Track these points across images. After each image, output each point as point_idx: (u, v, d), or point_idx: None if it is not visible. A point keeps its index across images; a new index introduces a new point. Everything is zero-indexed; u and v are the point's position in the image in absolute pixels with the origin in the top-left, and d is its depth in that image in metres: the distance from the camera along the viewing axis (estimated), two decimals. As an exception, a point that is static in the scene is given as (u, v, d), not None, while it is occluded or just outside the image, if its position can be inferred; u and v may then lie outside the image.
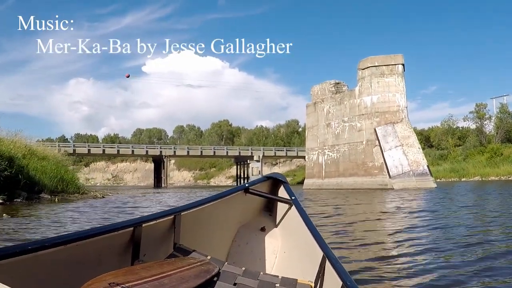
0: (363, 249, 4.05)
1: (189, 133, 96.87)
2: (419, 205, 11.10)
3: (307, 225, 1.88)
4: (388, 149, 27.09)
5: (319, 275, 1.61)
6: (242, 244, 2.23)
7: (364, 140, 28.53)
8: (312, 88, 35.05)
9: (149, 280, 1.14)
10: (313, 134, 33.73)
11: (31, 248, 1.12)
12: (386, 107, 27.86)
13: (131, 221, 1.49)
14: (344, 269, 1.41)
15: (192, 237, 1.82)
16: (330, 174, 31.38)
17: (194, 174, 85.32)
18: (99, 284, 1.02)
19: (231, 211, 2.20)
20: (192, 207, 1.82)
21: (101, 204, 12.58)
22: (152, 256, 1.56)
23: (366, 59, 28.92)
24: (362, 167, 28.41)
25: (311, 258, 1.73)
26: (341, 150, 30.48)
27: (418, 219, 6.96)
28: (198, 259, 1.51)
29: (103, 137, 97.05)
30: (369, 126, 28.15)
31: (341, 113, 30.72)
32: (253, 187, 2.22)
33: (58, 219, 7.19)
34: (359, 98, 29.08)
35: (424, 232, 5.33)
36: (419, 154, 27.20)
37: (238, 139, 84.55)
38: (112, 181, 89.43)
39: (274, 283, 1.54)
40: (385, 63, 28.27)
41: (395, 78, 28.03)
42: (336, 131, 31.04)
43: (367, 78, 28.54)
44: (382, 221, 6.92)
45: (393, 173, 26.57)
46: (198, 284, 1.27)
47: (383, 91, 28.02)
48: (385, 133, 27.46)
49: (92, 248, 1.33)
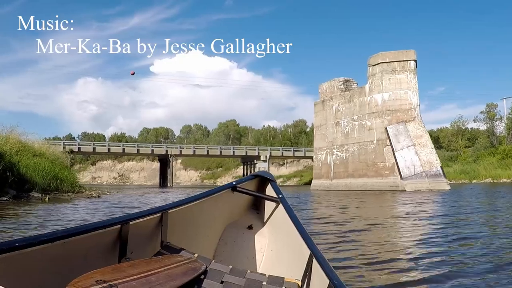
0: (374, 267, 3.34)
1: (196, 132, 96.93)
2: (434, 210, 10.28)
3: (295, 223, 1.87)
4: (399, 149, 26.02)
5: (306, 274, 1.62)
6: (229, 242, 2.22)
7: (374, 139, 27.46)
8: (320, 85, 34.01)
9: (136, 278, 1.15)
10: (321, 133, 32.69)
11: (18, 246, 1.11)
12: (397, 105, 26.79)
13: (118, 219, 1.48)
14: (331, 268, 1.41)
15: (179, 235, 1.81)
16: (338, 175, 30.33)
17: (201, 174, 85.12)
18: (86, 282, 1.03)
19: (218, 209, 2.19)
20: (180, 205, 1.82)
21: (93, 204, 11.74)
22: (139, 254, 1.55)
23: (377, 54, 27.84)
24: (372, 167, 27.36)
25: (298, 257, 1.73)
26: (350, 150, 29.45)
27: (434, 227, 6.17)
28: (185, 257, 1.54)
29: (109, 136, 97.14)
30: (380, 125, 27.08)
31: (350, 111, 29.66)
32: (241, 185, 2.22)
33: (27, 221, 6.31)
34: (370, 95, 28.01)
35: (442, 245, 4.45)
36: (432, 155, 26.08)
37: (246, 139, 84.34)
38: (119, 180, 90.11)
39: (261, 281, 1.54)
40: (397, 59, 27.20)
41: (407, 75, 26.97)
42: (346, 130, 30.00)
43: (378, 74, 27.46)
44: (394, 229, 6.15)
45: (405, 174, 25.51)
46: (185, 282, 1.28)
47: (394, 88, 26.95)
48: (396, 132, 26.38)
49: (79, 245, 1.32)
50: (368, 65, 28.45)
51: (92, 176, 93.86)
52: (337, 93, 31.38)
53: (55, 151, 19.54)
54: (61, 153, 20.53)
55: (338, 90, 31.60)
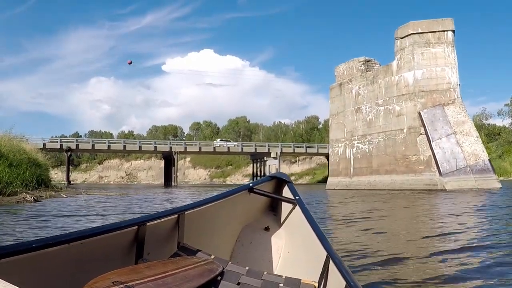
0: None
1: (205, 129, 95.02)
2: (491, 220, 6.69)
3: (311, 225, 1.88)
4: (437, 138, 21.19)
5: (323, 275, 1.62)
6: (246, 243, 2.23)
7: (405, 127, 22.65)
8: (336, 68, 29.16)
9: (153, 279, 1.16)
10: (339, 122, 27.81)
11: (36, 246, 1.12)
12: (433, 85, 21.93)
13: (135, 220, 1.49)
14: (347, 269, 1.40)
15: (196, 237, 1.82)
16: (360, 171, 25.56)
17: (210, 172, 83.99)
18: (103, 283, 1.05)
19: (235, 210, 2.19)
20: (197, 206, 1.83)
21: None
22: (156, 255, 1.57)
23: (406, 24, 22.96)
24: (402, 162, 22.58)
25: (315, 258, 1.74)
26: (374, 141, 24.68)
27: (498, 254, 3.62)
28: (202, 258, 1.55)
29: (117, 134, 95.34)
30: (412, 110, 22.23)
31: (374, 95, 24.80)
32: (258, 187, 2.23)
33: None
34: (398, 74, 23.16)
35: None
36: (477, 145, 21.17)
37: (256, 135, 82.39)
38: (126, 179, 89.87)
39: (277, 283, 1.55)
40: (431, 29, 22.44)
41: (444, 48, 22.17)
42: (368, 117, 25.20)
43: (408, 48, 22.55)
44: (436, 256, 3.68)
45: (444, 170, 20.68)
46: (202, 283, 1.29)
47: (429, 64, 22.10)
48: (433, 118, 21.50)
49: (96, 246, 1.33)
50: (395, 38, 23.58)
51: (99, 175, 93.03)
52: (358, 75, 26.48)
53: (31, 149, 18.63)
54: (37, 152, 19.49)
55: (358, 71, 26.74)
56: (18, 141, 18.01)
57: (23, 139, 20.42)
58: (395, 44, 23.56)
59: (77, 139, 52.69)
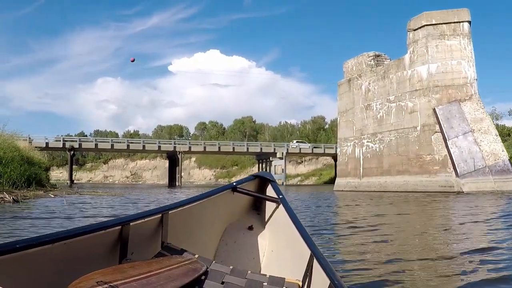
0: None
1: (211, 130, 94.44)
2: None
3: (295, 223, 1.86)
4: (453, 136, 19.81)
5: (307, 274, 1.62)
6: (230, 243, 2.20)
7: (418, 125, 21.30)
8: (344, 63, 27.83)
9: (137, 279, 1.15)
10: (348, 120, 26.48)
11: (19, 247, 1.12)
12: (449, 80, 20.56)
13: (119, 220, 1.48)
14: (331, 268, 1.40)
15: (180, 236, 1.80)
16: (370, 172, 24.22)
17: (215, 172, 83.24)
18: (87, 283, 1.04)
19: (219, 210, 2.18)
20: (180, 206, 1.81)
21: None
22: (140, 254, 1.56)
23: (420, 15, 21.61)
24: (416, 162, 21.25)
25: (298, 257, 1.73)
26: (385, 140, 23.36)
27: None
28: (186, 257, 1.52)
29: (122, 134, 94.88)
30: (426, 106, 20.87)
31: (385, 90, 23.46)
32: (241, 186, 2.22)
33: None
34: (411, 68, 21.82)
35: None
36: (497, 144, 19.80)
37: (262, 135, 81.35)
38: (131, 179, 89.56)
39: (262, 282, 1.52)
40: (446, 21, 21.05)
41: (459, 40, 20.82)
42: (379, 114, 23.89)
43: (422, 41, 21.20)
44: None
45: (461, 170, 19.29)
46: (186, 282, 1.28)
47: (444, 57, 20.73)
48: (448, 114, 20.13)
49: (80, 246, 1.32)
50: (407, 31, 22.21)
51: (104, 175, 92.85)
52: (367, 70, 25.13)
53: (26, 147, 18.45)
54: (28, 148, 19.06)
55: (367, 67, 25.39)
56: (11, 138, 17.22)
57: (17, 136, 19.67)
58: (407, 36, 22.22)
59: (80, 138, 51.74)
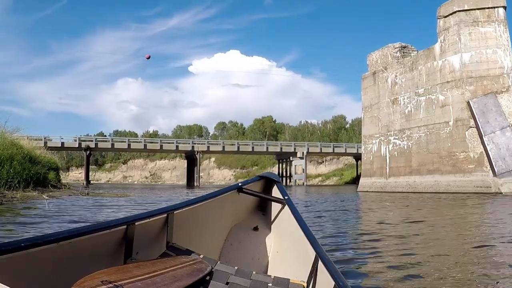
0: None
1: (231, 129, 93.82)
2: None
3: (300, 225, 1.86)
4: (490, 132, 18.05)
5: (312, 275, 1.60)
6: (235, 243, 2.21)
7: (451, 119, 19.54)
8: (368, 56, 26.25)
9: (141, 279, 1.15)
10: (372, 116, 24.88)
11: (24, 246, 1.11)
12: (484, 70, 18.79)
13: (124, 219, 1.47)
14: (336, 269, 1.39)
15: (185, 236, 1.81)
16: (397, 171, 22.57)
17: (235, 172, 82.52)
18: (92, 282, 1.04)
19: (224, 210, 2.18)
20: (185, 206, 1.81)
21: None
22: (145, 254, 1.56)
23: (451, 0, 19.84)
24: (448, 160, 19.48)
25: (303, 258, 1.72)
26: (414, 136, 21.64)
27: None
28: (191, 258, 1.53)
29: (142, 134, 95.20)
30: (459, 99, 19.14)
31: (413, 83, 21.78)
32: (246, 187, 2.23)
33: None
34: (442, 58, 20.10)
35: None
36: (539, 140, 17.82)
37: (282, 135, 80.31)
38: (150, 179, 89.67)
39: (266, 282, 1.53)
40: (479, 6, 19.28)
41: (495, 27, 19.05)
42: (407, 109, 22.17)
43: (454, 28, 19.48)
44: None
45: (499, 169, 17.55)
46: (191, 283, 1.27)
47: (478, 46, 18.98)
48: (484, 108, 18.37)
49: (85, 245, 1.31)
50: (437, 18, 20.53)
51: (123, 175, 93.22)
52: (394, 62, 23.52)
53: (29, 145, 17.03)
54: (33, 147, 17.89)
55: (393, 59, 23.78)
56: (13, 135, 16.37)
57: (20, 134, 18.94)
58: (437, 24, 20.54)
59: (96, 138, 51.54)
